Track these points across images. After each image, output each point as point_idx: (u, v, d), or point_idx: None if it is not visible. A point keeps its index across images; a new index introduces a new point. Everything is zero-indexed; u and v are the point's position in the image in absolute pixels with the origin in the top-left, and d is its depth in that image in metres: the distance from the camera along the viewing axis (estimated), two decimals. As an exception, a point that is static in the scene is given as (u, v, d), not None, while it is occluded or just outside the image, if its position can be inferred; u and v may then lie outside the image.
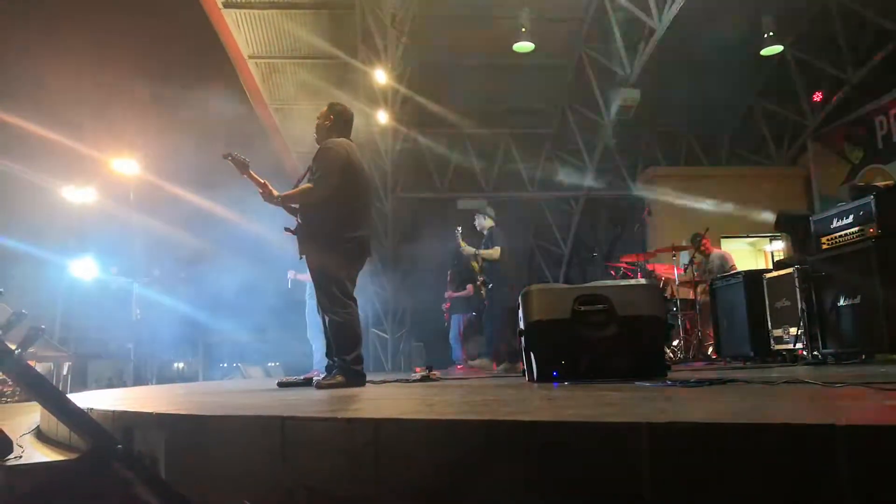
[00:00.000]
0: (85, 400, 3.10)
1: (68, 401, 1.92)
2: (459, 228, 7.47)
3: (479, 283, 7.48)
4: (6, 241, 9.95)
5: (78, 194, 10.71)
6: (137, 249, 11.16)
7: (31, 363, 1.83)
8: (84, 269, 10.70)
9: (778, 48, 11.03)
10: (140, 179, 10.76)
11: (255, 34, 11.65)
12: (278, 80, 12.76)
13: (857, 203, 4.85)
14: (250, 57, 12.03)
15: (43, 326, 1.84)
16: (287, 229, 4.34)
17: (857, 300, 4.76)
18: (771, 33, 10.84)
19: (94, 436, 1.87)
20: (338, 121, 4.44)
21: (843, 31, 11.05)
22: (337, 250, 4.13)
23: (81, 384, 9.80)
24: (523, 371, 3.97)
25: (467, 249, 7.35)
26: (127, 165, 10.59)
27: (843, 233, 4.96)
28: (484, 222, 7.58)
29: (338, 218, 4.15)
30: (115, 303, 11.06)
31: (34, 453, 2.50)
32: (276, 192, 4.16)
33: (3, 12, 10.22)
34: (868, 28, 10.80)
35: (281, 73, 12.58)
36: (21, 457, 2.27)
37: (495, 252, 7.21)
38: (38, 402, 2.07)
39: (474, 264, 7.57)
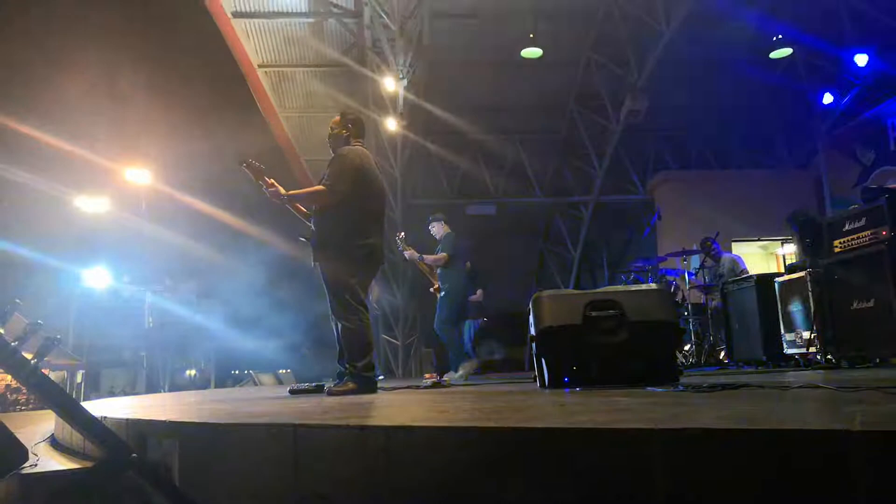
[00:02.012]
0: (99, 408, 3.12)
1: (83, 409, 1.94)
2: (402, 234, 7.29)
3: (433, 288, 7.36)
4: (21, 250, 10.05)
5: (91, 204, 10.80)
6: (149, 258, 11.22)
7: (45, 371, 1.85)
8: (97, 278, 10.77)
9: (787, 50, 10.99)
10: (152, 189, 10.84)
11: (265, 43, 11.74)
12: (288, 89, 12.84)
13: (869, 205, 4.82)
14: (260, 66, 12.12)
15: (58, 336, 1.86)
16: (301, 237, 4.36)
17: (871, 303, 4.72)
18: (780, 36, 10.81)
19: (109, 444, 1.88)
20: (353, 129, 4.46)
21: (852, 31, 11.00)
22: (349, 257, 4.14)
23: (95, 392, 9.87)
24: (535, 377, 3.96)
25: (412, 254, 7.21)
26: (139, 175, 10.67)
27: (855, 235, 4.92)
28: (437, 230, 7.45)
29: (350, 225, 4.17)
30: (128, 311, 11.12)
31: (49, 461, 2.51)
32: (283, 191, 4.18)
33: (19, 26, 10.36)
34: (879, 29, 10.74)
35: (290, 81, 12.66)
36: (36, 465, 2.28)
37: (441, 258, 7.06)
38: (54, 411, 2.09)
39: (422, 266, 7.41)
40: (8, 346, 1.74)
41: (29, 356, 1.78)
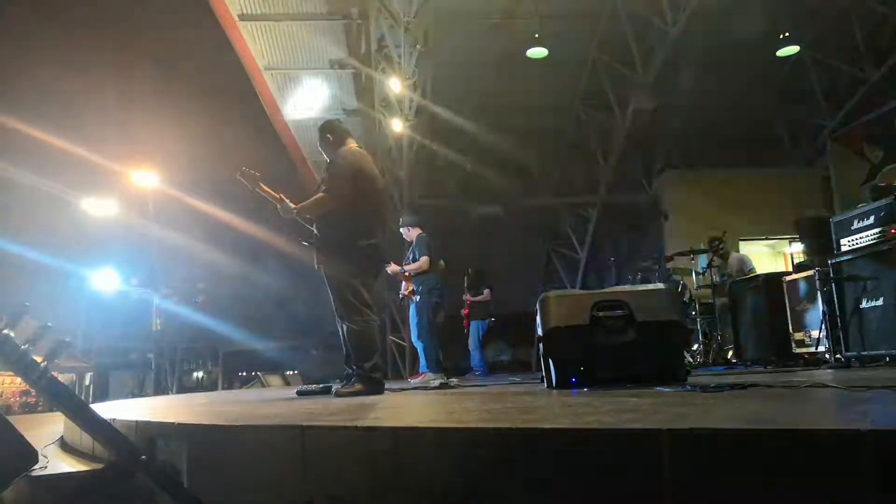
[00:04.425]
0: (108, 410, 3.13)
1: (92, 412, 1.94)
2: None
3: (408, 292, 7.31)
4: (30, 253, 10.11)
5: (99, 207, 10.85)
6: (157, 261, 11.28)
7: (55, 374, 1.86)
8: (105, 281, 10.83)
9: (794, 49, 10.94)
10: (159, 191, 10.88)
11: (271, 45, 11.76)
12: (294, 91, 12.86)
13: (877, 204, 4.80)
14: (266, 68, 12.14)
15: (68, 339, 1.87)
16: (304, 241, 4.36)
17: (880, 302, 4.69)
18: (787, 34, 10.76)
19: (118, 446, 1.89)
20: (335, 134, 4.46)
21: (860, 29, 10.94)
22: (351, 258, 4.14)
23: (103, 394, 9.91)
24: (542, 377, 3.95)
25: (394, 269, 7.00)
26: (146, 178, 10.71)
27: (864, 234, 4.90)
28: (409, 233, 7.38)
29: (351, 226, 4.17)
30: (136, 314, 11.18)
31: (59, 464, 2.52)
32: (291, 206, 4.19)
33: (29, 31, 10.43)
34: (886, 26, 10.68)
35: (296, 83, 12.67)
36: (46, 467, 2.29)
37: (423, 264, 6.98)
38: (64, 414, 2.10)
39: (404, 277, 7.30)
40: (18, 348, 1.75)
41: (39, 359, 1.79)
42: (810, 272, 5.81)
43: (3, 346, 1.73)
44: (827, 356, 5.41)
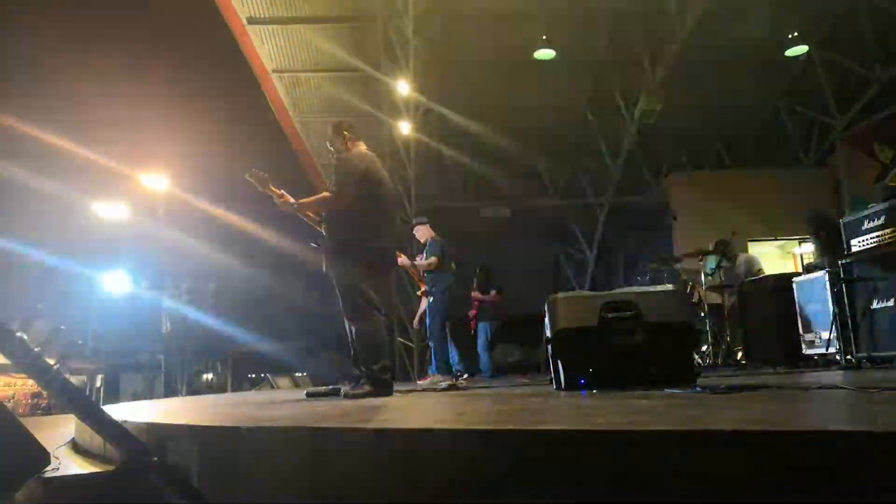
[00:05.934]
0: (119, 412, 3.15)
1: (104, 413, 1.95)
2: None
3: (420, 292, 7.39)
4: (42, 255, 10.19)
5: (109, 210, 10.92)
6: (167, 263, 11.33)
7: (66, 376, 1.87)
8: (116, 284, 10.89)
9: (803, 48, 10.89)
10: (169, 194, 10.93)
11: (279, 48, 11.81)
12: (302, 94, 12.91)
13: (888, 204, 4.77)
14: (274, 71, 12.19)
15: (80, 341, 1.89)
16: (313, 243, 4.38)
17: (891, 302, 4.67)
18: (795, 33, 10.71)
19: (130, 448, 1.90)
20: (344, 136, 4.46)
21: (870, 28, 10.88)
22: (359, 260, 4.15)
23: (114, 396, 9.97)
24: (551, 379, 3.95)
25: (403, 260, 7.20)
26: (156, 181, 10.77)
27: (874, 234, 4.87)
28: (421, 233, 7.50)
29: (358, 228, 4.18)
30: (146, 316, 11.24)
31: (70, 465, 2.54)
32: (291, 200, 4.21)
33: (41, 35, 10.51)
34: (896, 25, 10.62)
35: (304, 86, 12.72)
36: (58, 468, 2.30)
37: (431, 262, 7.11)
38: (76, 416, 2.11)
39: (412, 270, 7.42)
40: (31, 351, 1.76)
41: (51, 361, 1.81)
42: (820, 273, 5.78)
43: (17, 349, 1.74)
44: (837, 357, 5.38)
